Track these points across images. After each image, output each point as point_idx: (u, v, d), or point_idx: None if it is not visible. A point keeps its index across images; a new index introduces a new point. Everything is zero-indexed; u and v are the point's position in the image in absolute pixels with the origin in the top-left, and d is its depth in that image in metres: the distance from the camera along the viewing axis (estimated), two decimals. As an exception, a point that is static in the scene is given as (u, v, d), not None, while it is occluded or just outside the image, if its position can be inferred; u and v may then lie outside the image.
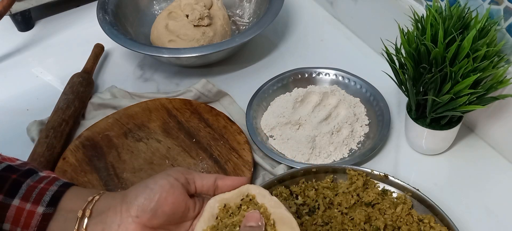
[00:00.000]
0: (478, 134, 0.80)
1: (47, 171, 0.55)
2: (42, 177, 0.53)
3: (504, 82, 0.66)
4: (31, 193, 0.51)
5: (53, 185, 0.52)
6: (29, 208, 0.50)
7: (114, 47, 0.99)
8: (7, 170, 0.52)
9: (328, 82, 0.88)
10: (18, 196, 0.51)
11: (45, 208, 0.50)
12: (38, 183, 0.52)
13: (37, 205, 0.50)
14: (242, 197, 0.53)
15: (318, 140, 0.78)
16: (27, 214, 0.50)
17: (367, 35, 0.97)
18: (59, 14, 1.10)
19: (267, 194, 0.53)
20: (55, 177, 0.54)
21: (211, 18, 0.94)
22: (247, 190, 0.53)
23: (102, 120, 0.82)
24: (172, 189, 0.50)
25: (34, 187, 0.51)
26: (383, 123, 0.79)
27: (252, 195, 0.53)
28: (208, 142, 0.79)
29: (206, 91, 0.86)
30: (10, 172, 0.52)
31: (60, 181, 0.53)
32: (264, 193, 0.53)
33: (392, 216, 0.65)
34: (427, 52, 0.66)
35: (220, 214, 0.52)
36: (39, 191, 0.51)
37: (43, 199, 0.51)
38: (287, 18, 1.06)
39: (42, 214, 0.50)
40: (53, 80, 0.94)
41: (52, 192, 0.51)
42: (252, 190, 0.53)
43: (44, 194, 0.51)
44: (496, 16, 0.70)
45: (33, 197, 0.51)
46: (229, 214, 0.52)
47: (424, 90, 0.70)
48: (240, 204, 0.52)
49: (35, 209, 0.50)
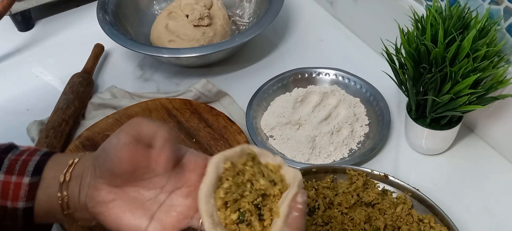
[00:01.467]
0: (478, 134, 0.80)
1: (28, 146, 0.55)
2: (23, 150, 0.54)
3: (504, 82, 0.66)
4: (14, 166, 0.51)
5: (35, 155, 0.53)
6: (14, 180, 0.51)
7: (114, 47, 0.99)
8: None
9: (328, 82, 0.88)
10: (2, 171, 0.51)
11: (31, 177, 0.51)
12: (19, 156, 0.52)
13: (22, 176, 0.51)
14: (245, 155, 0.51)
15: (318, 140, 0.78)
16: (14, 186, 0.51)
17: (367, 35, 0.97)
18: (59, 14, 1.10)
19: (270, 154, 0.51)
20: (36, 148, 0.54)
21: (211, 18, 0.94)
22: (247, 148, 0.51)
23: (102, 120, 0.82)
24: (125, 146, 0.47)
25: (16, 160, 0.52)
26: (383, 123, 0.79)
27: (254, 153, 0.51)
28: (208, 142, 0.79)
29: (206, 91, 0.86)
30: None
31: (41, 150, 0.54)
32: (267, 153, 0.51)
33: (392, 216, 0.65)
34: (427, 52, 0.66)
35: (228, 174, 0.49)
36: (22, 163, 0.51)
37: (27, 169, 0.51)
38: (287, 18, 1.06)
39: (28, 184, 0.51)
40: (53, 80, 0.94)
41: (35, 162, 0.52)
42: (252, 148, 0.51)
43: (27, 165, 0.51)
44: (496, 16, 0.70)
45: (17, 169, 0.51)
46: (236, 173, 0.49)
47: (424, 90, 0.70)
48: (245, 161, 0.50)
49: (20, 181, 0.51)
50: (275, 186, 0.49)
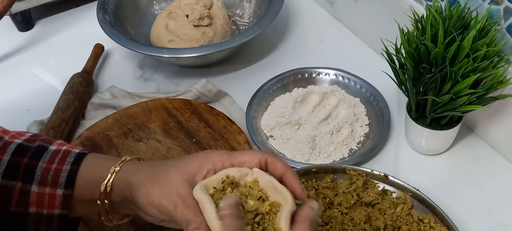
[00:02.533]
0: (478, 134, 0.80)
1: (58, 143, 0.56)
2: (53, 154, 0.54)
3: (504, 82, 0.66)
4: (46, 176, 0.52)
5: (65, 163, 0.53)
6: (48, 191, 0.52)
7: (114, 47, 0.99)
8: (17, 153, 0.53)
9: (328, 82, 0.88)
10: (35, 182, 0.52)
11: (64, 189, 0.52)
12: (50, 164, 0.53)
13: (55, 188, 0.52)
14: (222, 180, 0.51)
15: (318, 140, 0.78)
16: (49, 197, 0.52)
17: (367, 35, 0.97)
18: (59, 14, 1.10)
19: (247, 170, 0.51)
20: (66, 151, 0.54)
21: (211, 18, 0.94)
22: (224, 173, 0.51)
23: (102, 120, 0.82)
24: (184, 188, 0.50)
25: (48, 169, 0.53)
26: (383, 123, 0.79)
27: (232, 177, 0.51)
28: (208, 142, 0.79)
29: (206, 91, 0.86)
30: (21, 155, 0.53)
31: (72, 155, 0.54)
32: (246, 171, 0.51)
33: (392, 216, 0.65)
34: (427, 52, 0.66)
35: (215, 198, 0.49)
36: (54, 173, 0.52)
37: (60, 181, 0.52)
38: (287, 18, 1.06)
39: (62, 195, 0.52)
40: (53, 80, 0.94)
41: (66, 173, 0.53)
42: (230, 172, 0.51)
43: (59, 176, 0.52)
44: (496, 16, 0.70)
45: (49, 180, 0.52)
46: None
47: (424, 90, 0.70)
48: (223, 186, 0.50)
49: (55, 192, 0.52)
50: (264, 202, 0.49)
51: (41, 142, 0.55)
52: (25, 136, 0.56)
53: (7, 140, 0.54)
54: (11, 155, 0.53)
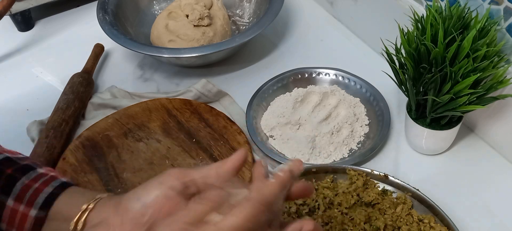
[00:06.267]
0: (478, 134, 0.80)
1: (47, 168, 0.53)
2: (39, 175, 0.51)
3: (504, 82, 0.66)
4: (25, 193, 0.49)
5: (48, 185, 0.50)
6: (22, 210, 0.49)
7: (114, 47, 0.99)
8: (3, 163, 0.50)
9: (328, 82, 0.88)
10: (12, 196, 0.49)
11: (38, 211, 0.48)
12: (33, 182, 0.50)
13: (30, 208, 0.48)
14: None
15: (318, 140, 0.78)
16: (21, 216, 0.48)
17: (367, 35, 0.97)
18: (59, 14, 1.10)
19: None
20: (53, 176, 0.52)
21: (211, 18, 0.94)
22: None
23: (102, 120, 0.82)
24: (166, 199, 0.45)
25: (28, 186, 0.49)
26: (383, 123, 0.79)
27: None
28: (208, 142, 0.79)
29: (206, 91, 0.86)
30: (6, 166, 0.50)
31: (58, 181, 0.51)
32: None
33: (392, 216, 0.65)
34: (427, 52, 0.66)
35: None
36: (33, 192, 0.49)
37: (37, 200, 0.49)
38: (287, 18, 1.06)
39: (34, 217, 0.48)
40: (53, 80, 0.94)
41: (46, 194, 0.49)
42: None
43: (38, 195, 0.49)
44: (496, 16, 0.70)
45: (26, 198, 0.49)
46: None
47: (424, 90, 0.70)
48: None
49: (28, 212, 0.48)
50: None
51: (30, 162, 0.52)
52: (16, 155, 0.53)
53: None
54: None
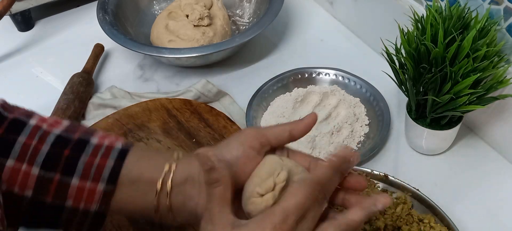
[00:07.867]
0: (478, 134, 0.80)
1: (98, 135, 0.53)
2: (96, 148, 0.51)
3: (504, 82, 0.66)
4: (88, 171, 0.50)
5: (109, 158, 0.51)
6: (89, 186, 0.50)
7: (114, 47, 0.99)
8: (58, 144, 0.51)
9: (328, 82, 0.88)
10: (77, 175, 0.50)
11: (105, 184, 0.50)
12: (93, 157, 0.51)
13: (97, 183, 0.50)
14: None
15: (318, 140, 0.78)
16: (88, 193, 0.50)
17: (367, 35, 0.97)
18: (59, 14, 1.10)
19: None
20: (108, 146, 0.52)
21: (211, 18, 0.94)
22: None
23: (102, 120, 0.82)
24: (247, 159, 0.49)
25: (90, 164, 0.50)
26: (383, 123, 0.79)
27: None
28: (208, 142, 0.79)
29: (206, 91, 0.86)
30: (61, 146, 0.51)
31: (114, 150, 0.52)
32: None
33: (392, 216, 0.65)
34: (427, 52, 0.66)
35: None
36: (97, 168, 0.50)
37: (103, 176, 0.50)
38: (287, 18, 1.06)
39: (103, 191, 0.50)
40: (53, 80, 0.94)
41: (109, 169, 0.50)
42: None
43: (102, 171, 0.50)
44: (496, 16, 0.70)
45: (91, 175, 0.50)
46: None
47: (424, 90, 0.70)
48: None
49: (95, 188, 0.50)
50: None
51: (81, 134, 0.53)
52: (62, 125, 0.53)
53: (45, 130, 0.52)
54: (51, 145, 0.51)
